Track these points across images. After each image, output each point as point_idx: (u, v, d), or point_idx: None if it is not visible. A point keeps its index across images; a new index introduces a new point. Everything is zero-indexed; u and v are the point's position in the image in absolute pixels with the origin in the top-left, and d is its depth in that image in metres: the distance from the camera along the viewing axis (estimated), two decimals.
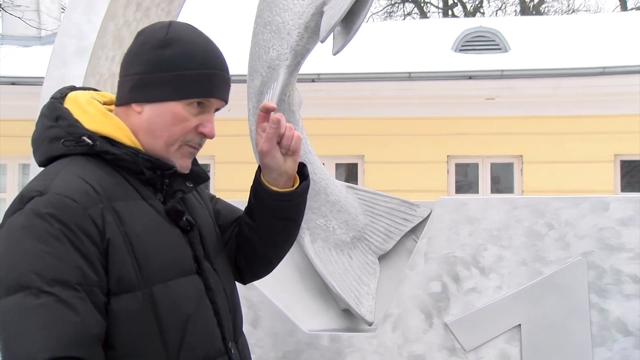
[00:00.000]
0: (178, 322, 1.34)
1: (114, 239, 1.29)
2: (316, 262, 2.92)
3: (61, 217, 1.24)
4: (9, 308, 1.19)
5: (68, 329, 1.19)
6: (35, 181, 1.33)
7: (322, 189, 2.92)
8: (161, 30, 1.42)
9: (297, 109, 2.89)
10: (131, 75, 1.42)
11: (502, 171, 9.64)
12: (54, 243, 1.22)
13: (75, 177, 1.31)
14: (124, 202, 1.34)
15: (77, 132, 1.37)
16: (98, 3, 2.99)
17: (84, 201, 1.27)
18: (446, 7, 21.56)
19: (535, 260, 2.82)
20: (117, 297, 1.28)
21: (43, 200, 1.25)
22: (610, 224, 2.81)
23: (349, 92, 9.24)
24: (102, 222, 1.28)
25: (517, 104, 9.12)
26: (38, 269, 1.20)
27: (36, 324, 1.17)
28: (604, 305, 2.77)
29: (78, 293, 1.22)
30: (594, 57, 8.96)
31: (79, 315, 1.20)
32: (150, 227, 1.36)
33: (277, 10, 2.71)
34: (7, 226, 1.27)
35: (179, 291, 1.36)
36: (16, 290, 1.19)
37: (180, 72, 1.39)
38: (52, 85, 2.95)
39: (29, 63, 9.76)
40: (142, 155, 1.39)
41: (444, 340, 2.80)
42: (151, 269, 1.32)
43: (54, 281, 1.20)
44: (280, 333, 2.86)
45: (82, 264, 1.23)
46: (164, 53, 1.39)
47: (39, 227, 1.23)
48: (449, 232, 2.87)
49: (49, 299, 1.18)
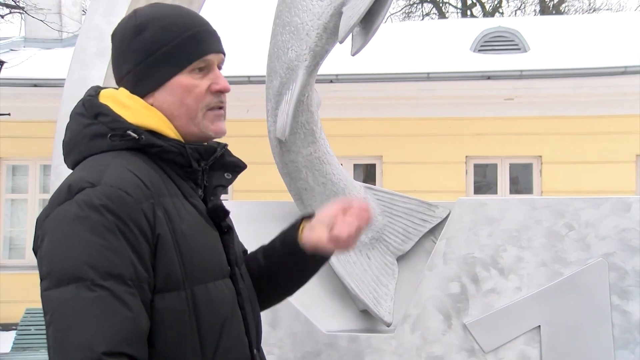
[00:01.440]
0: (215, 326, 1.33)
1: (163, 235, 1.27)
2: (335, 262, 2.92)
3: (116, 210, 1.22)
4: (61, 299, 1.17)
5: (123, 325, 1.17)
6: (84, 172, 1.29)
7: (340, 190, 2.92)
8: (130, 20, 1.43)
9: (315, 110, 2.89)
10: (125, 75, 1.41)
11: (521, 172, 9.57)
12: (108, 236, 1.20)
13: (126, 170, 1.29)
14: (169, 198, 1.32)
15: (121, 127, 1.34)
16: (118, 5, 3.02)
17: (137, 195, 1.25)
18: (465, 7, 21.45)
19: (555, 261, 2.80)
20: (162, 295, 1.26)
21: (96, 192, 1.23)
22: (632, 225, 2.77)
23: (367, 93, 9.24)
24: (153, 218, 1.26)
25: (536, 104, 9.05)
26: (92, 261, 1.18)
27: (91, 316, 1.15)
28: (626, 307, 2.74)
29: (130, 289, 1.20)
30: (615, 57, 8.86)
31: (131, 311, 1.19)
32: (193, 226, 1.35)
33: (296, 11, 2.72)
34: (56, 216, 1.25)
35: (216, 294, 1.35)
36: (69, 281, 1.17)
37: (165, 47, 1.38)
38: (73, 87, 2.98)
39: (50, 65, 9.89)
40: (189, 146, 1.38)
41: (463, 342, 2.79)
42: (194, 269, 1.31)
43: (108, 275, 1.18)
44: (299, 333, 2.87)
45: (134, 259, 1.22)
46: (143, 38, 1.39)
47: (92, 218, 1.21)
48: (468, 233, 2.86)
49: (103, 292, 1.17)
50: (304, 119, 2.83)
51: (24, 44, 11.73)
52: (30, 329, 7.29)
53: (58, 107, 2.95)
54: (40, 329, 7.27)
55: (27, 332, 7.26)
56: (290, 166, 2.90)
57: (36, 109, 9.61)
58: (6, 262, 10.14)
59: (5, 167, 10.37)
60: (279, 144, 2.87)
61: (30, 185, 10.37)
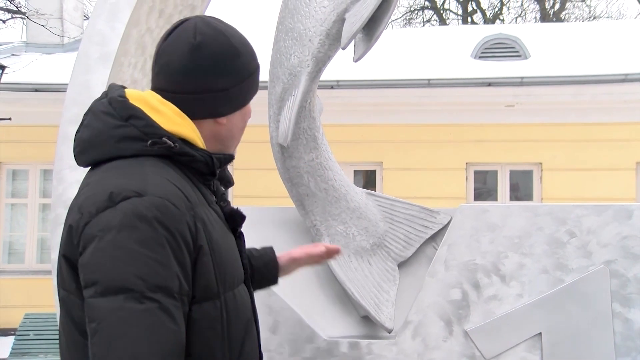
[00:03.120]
0: (240, 330, 1.36)
1: (204, 247, 1.29)
2: (336, 268, 2.92)
3: (166, 222, 1.22)
4: (109, 308, 1.17)
5: (169, 337, 1.18)
6: (122, 178, 1.28)
7: (342, 196, 2.92)
8: (222, 38, 1.42)
9: (317, 116, 2.90)
10: (218, 92, 1.41)
11: (522, 178, 9.58)
12: (157, 248, 1.20)
13: (167, 181, 1.29)
14: (201, 207, 1.34)
15: (156, 133, 1.33)
16: (121, 10, 3.03)
17: (182, 207, 1.26)
18: (465, 14, 21.51)
19: (556, 268, 2.80)
20: (199, 305, 1.27)
21: (144, 202, 1.22)
22: (634, 233, 2.77)
23: (368, 99, 9.26)
24: (195, 230, 1.28)
25: (537, 111, 9.07)
26: (142, 273, 1.18)
27: (140, 328, 1.16)
28: (627, 314, 2.74)
29: (176, 302, 1.21)
30: (615, 64, 8.89)
31: (177, 324, 1.20)
32: (221, 233, 1.37)
33: (299, 17, 2.73)
34: (99, 223, 1.23)
35: (240, 299, 1.38)
36: (117, 291, 1.17)
37: (254, 73, 1.46)
38: (76, 92, 2.99)
39: (51, 70, 9.91)
40: (215, 156, 1.41)
41: (464, 348, 2.79)
42: (225, 276, 1.33)
43: (157, 287, 1.19)
44: (299, 339, 2.86)
45: (179, 272, 1.23)
46: (240, 62, 1.43)
47: (142, 230, 1.20)
48: (469, 240, 2.86)
49: (152, 304, 1.18)
50: (306, 125, 2.83)
51: (26, 48, 11.76)
52: (29, 334, 7.28)
53: (59, 112, 2.95)
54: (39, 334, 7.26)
55: (25, 337, 7.25)
56: (292, 172, 2.90)
57: (37, 114, 9.62)
58: (5, 267, 10.13)
59: (5, 172, 10.37)
60: (280, 149, 2.87)
61: (31, 190, 10.37)
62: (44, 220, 10.29)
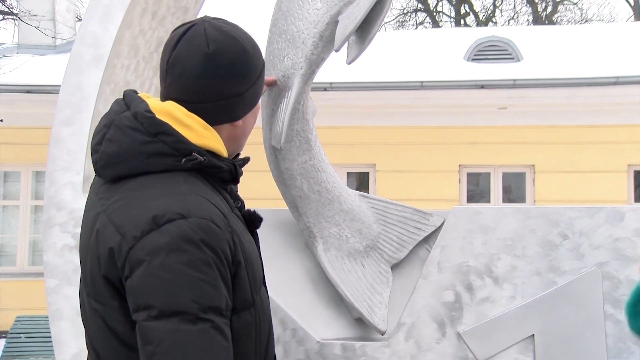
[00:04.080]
0: (266, 330, 1.41)
1: (241, 262, 1.33)
2: (329, 270, 2.92)
3: (212, 244, 1.26)
4: (166, 330, 1.21)
5: (223, 354, 1.23)
6: (162, 199, 1.30)
7: (335, 198, 2.92)
8: (235, 43, 1.43)
9: (310, 118, 2.90)
10: (233, 98, 1.42)
11: (514, 181, 9.61)
12: (205, 270, 1.24)
13: (206, 200, 1.31)
14: (232, 220, 1.36)
15: (186, 148, 1.35)
16: (114, 12, 3.02)
17: (222, 225, 1.29)
18: (458, 16, 21.58)
19: (549, 270, 2.81)
20: (238, 316, 1.32)
21: (190, 224, 1.25)
22: (626, 235, 2.79)
23: (361, 101, 9.27)
24: (234, 246, 1.31)
25: (529, 113, 9.10)
26: (193, 295, 1.22)
27: (197, 348, 1.20)
28: (619, 316, 2.75)
29: (225, 319, 1.26)
30: (607, 67, 8.93)
31: (227, 340, 1.25)
32: (248, 240, 1.40)
33: (292, 19, 2.73)
34: (147, 247, 1.25)
35: (265, 300, 1.43)
36: (171, 314, 1.21)
37: (261, 71, 1.47)
38: (69, 94, 2.98)
39: (44, 72, 9.86)
40: (237, 163, 1.45)
41: (457, 350, 2.79)
42: (256, 282, 1.38)
43: (209, 308, 1.23)
44: (292, 341, 2.86)
45: (225, 291, 1.27)
46: (250, 63, 1.44)
47: (190, 252, 1.23)
48: (462, 242, 2.86)
49: (205, 325, 1.22)
50: (300, 127, 2.83)
51: (18, 50, 11.71)
52: (20, 337, 7.24)
53: (51, 114, 2.94)
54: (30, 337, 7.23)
55: (17, 340, 7.21)
56: (286, 174, 2.90)
57: (29, 116, 9.58)
58: None
59: None
60: (274, 151, 2.87)
61: (23, 192, 10.31)
62: (36, 222, 10.24)
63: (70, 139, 2.92)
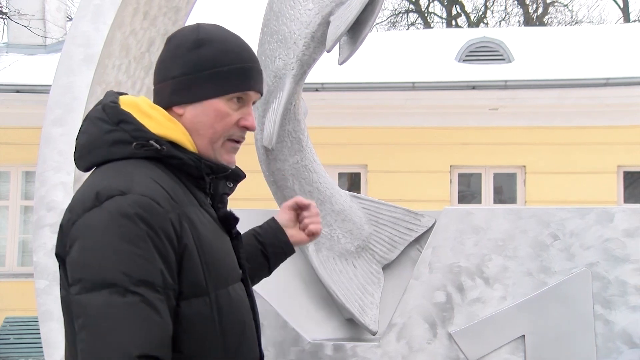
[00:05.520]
0: (237, 328, 1.39)
1: (189, 245, 1.32)
2: (320, 271, 2.92)
3: (148, 219, 1.26)
4: (95, 304, 1.21)
5: (154, 330, 1.22)
6: (109, 179, 1.33)
7: (327, 198, 2.92)
8: (192, 33, 1.46)
9: (302, 118, 2.90)
10: (170, 80, 1.45)
11: (505, 181, 9.64)
12: (140, 244, 1.24)
13: (153, 181, 1.33)
14: (191, 208, 1.37)
15: (144, 136, 1.38)
16: (106, 12, 3.01)
17: (165, 205, 1.30)
18: (450, 17, 21.64)
19: (540, 270, 2.82)
20: (188, 302, 1.31)
21: (128, 200, 1.27)
22: (616, 235, 2.80)
23: (353, 102, 9.27)
24: (180, 228, 1.31)
25: (521, 114, 9.13)
26: (125, 268, 1.22)
27: (125, 321, 1.20)
28: (609, 316, 2.76)
29: (159, 295, 1.25)
30: (597, 69, 8.97)
31: (161, 316, 1.24)
32: (212, 233, 1.40)
33: (284, 20, 2.73)
34: (85, 222, 1.28)
35: (236, 297, 1.40)
36: (102, 287, 1.21)
37: (218, 69, 1.43)
38: (59, 93, 2.96)
39: (33, 71, 9.80)
40: (204, 161, 1.43)
41: (448, 350, 2.80)
42: (216, 274, 1.36)
43: (141, 282, 1.23)
44: (284, 342, 2.86)
45: (164, 267, 1.26)
46: (199, 53, 1.43)
47: (126, 227, 1.25)
48: (453, 242, 2.87)
49: (135, 298, 1.21)
50: (291, 128, 2.84)
51: (7, 49, 11.63)
52: (9, 338, 7.20)
53: (41, 114, 2.93)
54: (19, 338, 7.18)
55: (6, 341, 7.17)
56: (277, 174, 2.90)
57: (19, 115, 9.51)
58: None
59: None
60: (265, 152, 2.87)
61: (12, 192, 10.25)
62: (26, 223, 10.18)
63: (61, 139, 2.91)
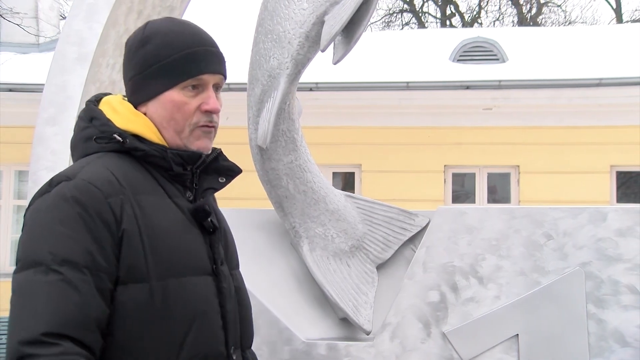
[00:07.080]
0: (185, 319, 1.37)
1: (129, 229, 1.33)
2: (315, 270, 2.92)
3: (84, 201, 1.30)
4: (21, 282, 1.26)
5: (68, 308, 1.24)
6: (68, 169, 1.41)
7: (321, 198, 2.92)
8: (140, 32, 1.51)
9: (296, 118, 2.90)
10: (127, 82, 1.52)
11: (499, 181, 9.66)
12: (71, 225, 1.28)
13: (103, 168, 1.37)
14: (148, 196, 1.39)
15: (109, 131, 1.43)
16: (99, 11, 3.00)
17: (106, 189, 1.33)
18: (444, 17, 21.67)
19: (533, 270, 2.83)
20: (125, 287, 1.32)
21: (69, 185, 1.32)
22: (609, 235, 2.82)
23: (347, 101, 9.27)
24: (120, 212, 1.33)
25: (515, 114, 9.15)
26: (52, 248, 1.26)
27: (39, 298, 1.23)
28: (601, 315, 2.77)
29: (84, 276, 1.26)
30: (590, 69, 9.00)
31: (81, 296, 1.25)
32: (171, 223, 1.40)
33: (279, 19, 2.72)
34: (35, 206, 1.35)
35: (190, 289, 1.39)
36: (29, 265, 1.27)
37: (162, 62, 1.45)
38: (53, 92, 2.96)
39: (27, 70, 9.75)
40: (170, 151, 1.45)
41: (442, 350, 2.80)
42: (164, 263, 1.36)
43: (64, 261, 1.25)
44: (278, 341, 2.86)
45: (94, 248, 1.29)
46: (145, 50, 1.47)
47: (61, 208, 1.30)
48: (447, 242, 2.88)
49: (55, 277, 1.24)
50: (285, 127, 2.83)
51: (0, 48, 11.58)
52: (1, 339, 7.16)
53: (34, 113, 2.92)
54: None
55: None
56: (271, 174, 2.90)
57: (12, 114, 9.46)
58: None
59: None
60: (259, 151, 2.87)
61: (5, 191, 10.20)
62: (18, 222, 10.13)
63: (55, 138, 2.90)
